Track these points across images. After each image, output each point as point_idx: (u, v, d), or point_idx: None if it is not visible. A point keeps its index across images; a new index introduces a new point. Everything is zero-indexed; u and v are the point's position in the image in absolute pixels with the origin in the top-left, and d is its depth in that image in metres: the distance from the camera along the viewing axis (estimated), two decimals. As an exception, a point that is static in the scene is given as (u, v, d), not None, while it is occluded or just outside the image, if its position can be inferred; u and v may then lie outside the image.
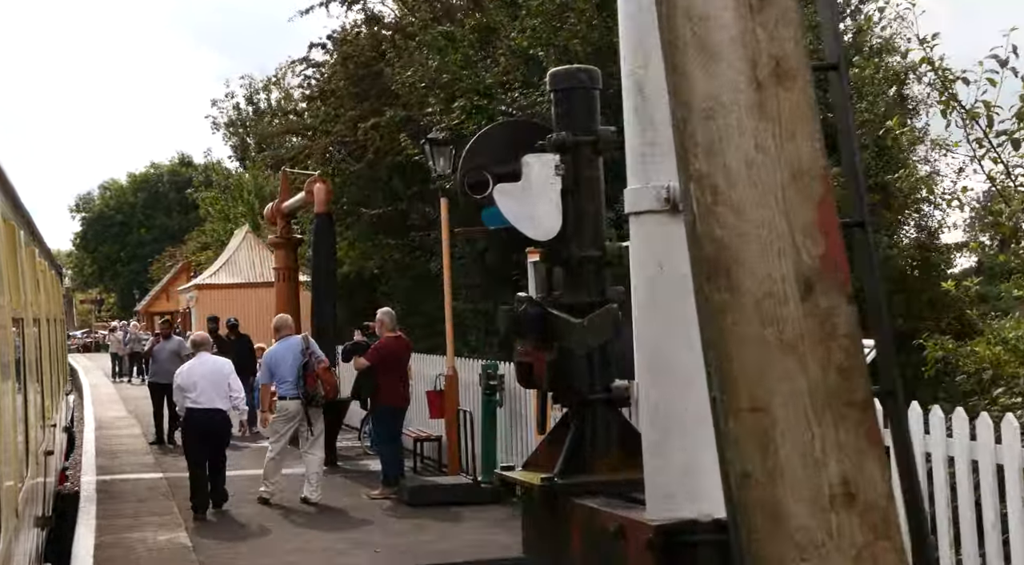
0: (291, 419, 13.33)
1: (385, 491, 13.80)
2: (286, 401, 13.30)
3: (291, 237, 20.75)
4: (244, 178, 52.68)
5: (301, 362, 13.17)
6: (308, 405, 13.23)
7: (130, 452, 19.43)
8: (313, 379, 13.14)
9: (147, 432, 21.80)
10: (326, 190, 17.39)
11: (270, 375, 13.46)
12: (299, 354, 13.21)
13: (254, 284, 31.49)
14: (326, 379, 13.36)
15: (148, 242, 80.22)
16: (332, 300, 17.07)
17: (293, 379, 13.17)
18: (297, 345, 13.37)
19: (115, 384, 39.26)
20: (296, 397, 13.24)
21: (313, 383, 13.14)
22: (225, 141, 59.46)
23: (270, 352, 13.70)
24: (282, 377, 13.27)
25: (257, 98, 57.17)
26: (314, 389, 13.13)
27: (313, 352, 13.35)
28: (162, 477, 16.20)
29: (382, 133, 17.53)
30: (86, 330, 79.70)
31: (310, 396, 13.17)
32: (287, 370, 13.21)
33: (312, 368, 13.17)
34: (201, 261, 54.44)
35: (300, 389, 13.13)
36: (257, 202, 46.56)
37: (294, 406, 13.29)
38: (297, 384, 13.14)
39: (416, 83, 15.60)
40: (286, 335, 13.67)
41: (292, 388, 13.20)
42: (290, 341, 13.52)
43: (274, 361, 13.41)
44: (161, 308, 61.94)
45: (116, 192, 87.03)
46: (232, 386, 12.90)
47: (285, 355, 13.33)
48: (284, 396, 13.30)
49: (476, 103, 13.62)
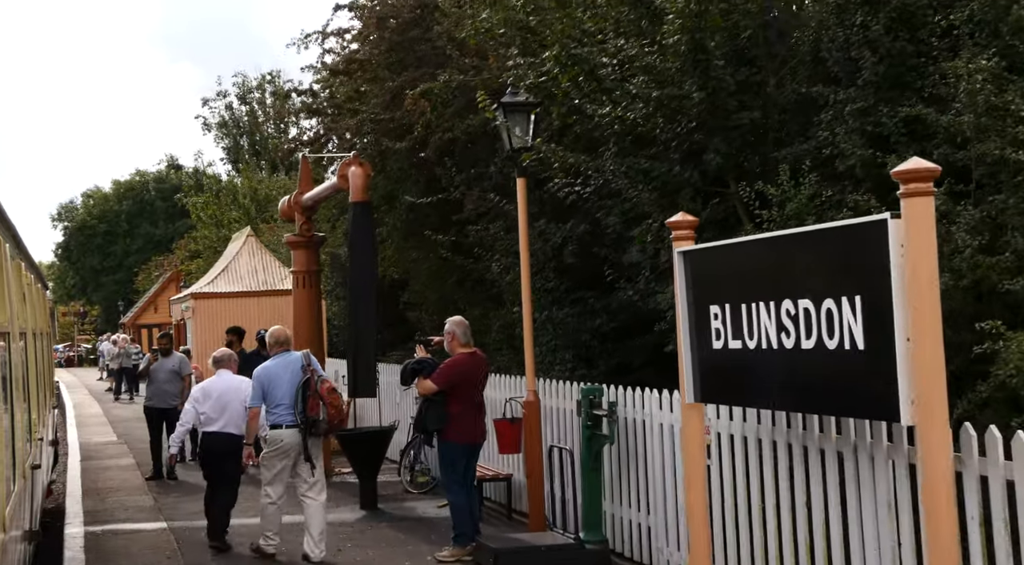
0: (288, 453, 10.90)
1: (457, 552, 10.75)
2: (281, 430, 10.79)
3: (312, 235, 17.68)
4: (236, 182, 49.64)
5: (301, 381, 10.74)
6: (308, 434, 10.76)
7: (123, 491, 16.31)
8: (315, 402, 10.69)
9: (141, 463, 18.76)
10: (364, 173, 14.33)
11: (262, 397, 10.90)
12: (298, 372, 10.79)
13: (257, 293, 28.32)
14: (331, 402, 10.77)
15: (133, 252, 77.98)
16: (374, 308, 13.99)
17: (290, 402, 10.74)
18: (296, 362, 10.89)
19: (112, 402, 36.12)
20: (294, 424, 10.72)
21: (315, 407, 10.69)
22: (217, 143, 56.47)
23: (263, 369, 11.03)
24: (277, 400, 10.82)
25: (251, 97, 54.08)
26: (315, 415, 10.70)
27: (315, 369, 10.89)
28: (165, 527, 13.11)
29: (434, 102, 14.51)
30: (68, 344, 77.24)
31: (311, 423, 10.70)
32: (284, 391, 10.78)
33: (314, 388, 10.72)
34: (192, 270, 51.42)
35: (299, 415, 10.69)
36: (253, 206, 43.52)
37: (291, 436, 10.77)
38: (295, 408, 10.70)
39: (494, 28, 12.59)
40: (283, 350, 11.15)
41: (289, 413, 10.75)
42: (288, 357, 11.01)
43: (268, 380, 10.87)
44: (149, 320, 58.95)
45: (100, 200, 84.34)
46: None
47: (281, 373, 10.85)
48: (279, 424, 10.80)
49: (572, 52, 10.64)
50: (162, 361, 17.44)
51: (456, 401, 10.75)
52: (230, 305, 28.66)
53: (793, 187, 9.21)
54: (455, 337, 11.07)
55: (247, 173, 46.51)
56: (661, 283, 11.48)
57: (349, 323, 14.02)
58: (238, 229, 39.77)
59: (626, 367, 13.12)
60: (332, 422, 10.81)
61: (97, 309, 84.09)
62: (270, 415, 10.88)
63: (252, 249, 30.07)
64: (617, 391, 10.47)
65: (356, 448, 14.02)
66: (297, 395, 10.67)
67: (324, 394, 10.70)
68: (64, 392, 40.17)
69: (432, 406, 10.78)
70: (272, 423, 10.84)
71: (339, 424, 11.06)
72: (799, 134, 10.11)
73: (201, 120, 56.56)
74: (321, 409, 10.68)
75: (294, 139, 20.58)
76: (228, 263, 29.68)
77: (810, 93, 9.79)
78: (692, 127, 10.66)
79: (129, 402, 35.84)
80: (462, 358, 10.95)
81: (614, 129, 10.86)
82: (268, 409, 10.90)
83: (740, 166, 10.53)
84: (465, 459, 10.95)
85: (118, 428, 26.88)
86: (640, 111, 10.65)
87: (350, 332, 14.05)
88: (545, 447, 11.83)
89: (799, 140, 9.94)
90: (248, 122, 55.60)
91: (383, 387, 16.85)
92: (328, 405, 10.70)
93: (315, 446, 10.92)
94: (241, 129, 55.85)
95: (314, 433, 10.76)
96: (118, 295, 76.74)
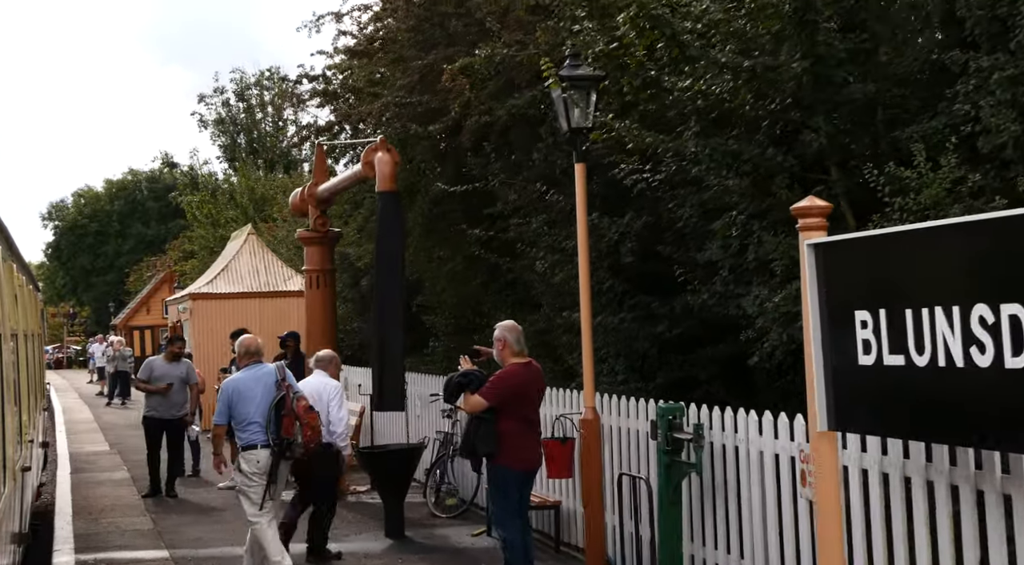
0: (265, 473, 9.78)
1: (510, 596, 9.23)
2: (257, 451, 9.68)
3: (327, 231, 16.16)
4: (233, 180, 48.11)
5: (275, 398, 9.67)
6: (281, 457, 9.71)
7: (118, 510, 14.75)
8: (290, 422, 9.68)
9: (137, 477, 17.23)
10: (392, 160, 12.84)
11: (228, 414, 9.82)
12: (271, 387, 9.74)
13: (258, 294, 26.81)
14: (307, 422, 9.76)
15: (125, 252, 76.37)
16: (402, 310, 12.48)
17: (263, 420, 9.66)
18: (269, 376, 9.84)
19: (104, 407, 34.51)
20: (267, 445, 9.66)
21: (289, 427, 9.67)
22: (213, 141, 54.88)
23: (232, 383, 9.97)
24: (247, 417, 9.72)
25: (248, 94, 52.54)
26: (290, 435, 9.68)
27: (291, 385, 9.85)
28: (167, 557, 11.57)
29: (473, 80, 12.95)
30: (57, 345, 75.76)
31: (285, 445, 9.64)
32: (255, 408, 9.70)
33: (289, 407, 9.68)
34: (186, 270, 49.89)
35: (271, 435, 9.65)
36: (251, 205, 41.98)
37: (267, 457, 9.68)
38: (267, 428, 9.65)
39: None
40: (254, 362, 10.05)
41: (262, 432, 9.70)
42: (260, 370, 9.93)
43: (237, 395, 9.77)
44: (141, 321, 57.32)
45: (91, 200, 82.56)
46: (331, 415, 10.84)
47: (252, 388, 9.76)
48: (253, 443, 9.69)
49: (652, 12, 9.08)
50: (168, 367, 15.80)
51: (508, 419, 9.24)
52: (230, 306, 27.11)
53: (929, 170, 7.70)
54: (507, 344, 9.55)
55: (244, 171, 44.91)
56: (741, 285, 9.94)
57: (375, 327, 12.49)
58: (235, 228, 38.27)
59: (689, 381, 11.60)
60: (308, 444, 9.78)
61: (87, 310, 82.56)
62: (240, 434, 9.77)
63: (253, 248, 28.54)
64: (700, 411, 8.96)
65: (382, 467, 12.51)
66: (270, 413, 9.61)
67: (300, 413, 9.69)
68: (53, 396, 38.55)
69: (482, 425, 9.25)
70: (245, 443, 9.72)
71: (315, 447, 9.99)
72: (924, 109, 8.61)
73: (197, 117, 55.05)
74: (296, 430, 9.67)
75: (307, 126, 18.88)
76: (228, 262, 28.16)
77: (941, 60, 8.27)
78: (788, 103, 9.14)
79: (121, 407, 34.29)
80: (515, 369, 9.44)
81: (696, 105, 9.34)
82: (237, 428, 9.81)
83: (846, 148, 9.01)
84: (519, 487, 9.43)
85: (110, 436, 25.33)
86: (727, 84, 9.14)
87: (375, 337, 12.53)
88: (608, 473, 10.32)
89: (925, 116, 8.43)
90: (245, 119, 54.01)
91: (421, 407, 15.30)
92: (304, 426, 9.68)
93: (282, 471, 9.87)
94: (238, 126, 54.24)
95: (287, 457, 9.72)
96: (109, 296, 74.77)
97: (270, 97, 53.06)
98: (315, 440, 9.88)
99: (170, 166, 56.39)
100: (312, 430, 9.77)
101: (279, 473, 9.72)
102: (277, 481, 9.70)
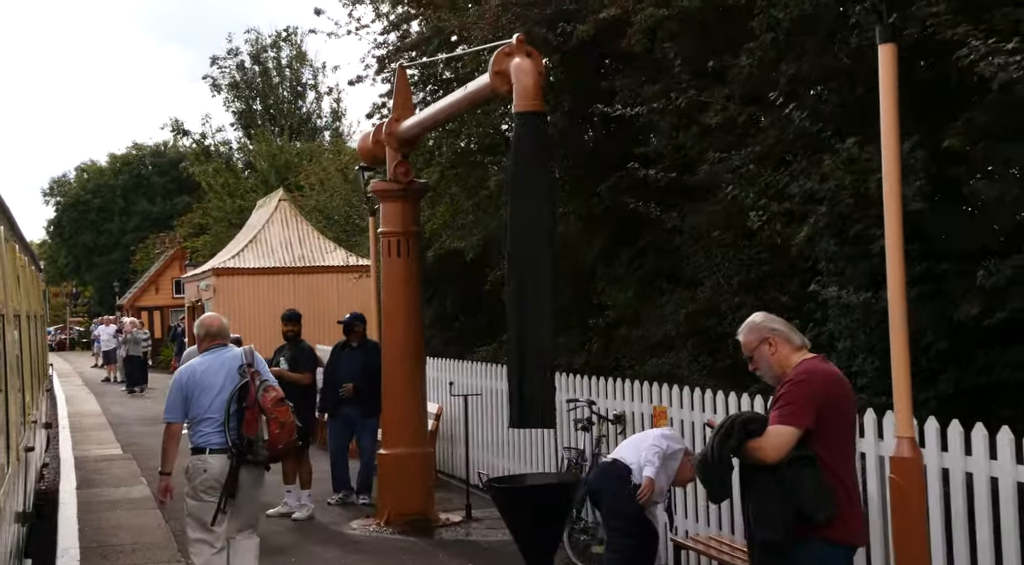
0: (215, 488, 7.85)
1: None
2: (204, 456, 7.84)
3: (411, 181, 12.35)
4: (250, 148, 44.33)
5: (236, 386, 7.82)
6: (239, 462, 7.76)
7: (141, 550, 11.05)
8: (253, 416, 7.75)
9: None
10: (535, 68, 9.01)
11: (183, 408, 7.98)
12: (235, 374, 7.90)
13: (292, 269, 23.16)
14: (275, 416, 7.76)
15: (130, 230, 73.31)
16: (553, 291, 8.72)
17: (218, 416, 7.82)
18: (234, 360, 7.99)
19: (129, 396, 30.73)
20: (222, 448, 7.80)
21: (252, 423, 7.75)
22: (227, 107, 50.92)
23: (187, 370, 8.14)
24: (203, 412, 7.88)
25: (265, 57, 48.69)
26: (251, 433, 7.75)
27: (259, 372, 7.94)
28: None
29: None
30: (60, 326, 73.02)
31: (245, 446, 7.74)
32: (213, 401, 7.87)
33: (253, 398, 7.78)
34: (197, 246, 46.22)
35: (229, 433, 7.78)
36: (272, 172, 38.15)
37: (218, 464, 7.80)
38: (224, 426, 7.80)
39: None
40: (218, 345, 8.18)
41: (217, 432, 7.85)
42: (223, 355, 8.09)
43: (194, 384, 7.97)
44: (149, 302, 53.71)
45: (94, 174, 78.98)
46: None
47: (213, 376, 7.95)
48: (202, 447, 7.88)
49: None
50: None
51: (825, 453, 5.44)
52: (259, 283, 23.31)
53: None
54: (779, 339, 5.69)
55: (263, 136, 41.04)
56: None
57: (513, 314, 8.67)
58: (255, 199, 34.46)
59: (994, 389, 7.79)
60: (275, 445, 7.77)
61: (90, 290, 79.30)
62: (193, 434, 7.93)
63: (286, 216, 24.66)
64: None
65: (525, 508, 8.71)
66: (228, 404, 7.76)
67: (267, 406, 7.76)
68: (56, 384, 34.81)
69: (804, 470, 5.39)
70: (194, 445, 7.89)
71: (285, 448, 7.90)
72: None
73: (209, 81, 51.02)
74: (261, 426, 7.74)
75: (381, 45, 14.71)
76: (256, 233, 24.35)
77: None
78: None
79: (137, 394, 30.54)
80: (819, 366, 5.61)
81: None
82: (191, 426, 7.97)
83: None
84: None
85: (121, 434, 21.59)
86: None
87: (514, 328, 8.69)
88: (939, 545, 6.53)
89: None
90: (261, 84, 50.09)
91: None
92: (271, 421, 7.73)
93: (251, 480, 7.91)
94: (254, 91, 50.30)
95: (249, 460, 7.78)
96: (113, 275, 71.96)
97: (287, 59, 49.27)
98: (285, 440, 7.80)
99: (181, 133, 52.53)
100: (282, 428, 7.75)
101: (240, 484, 7.73)
102: (236, 494, 7.73)
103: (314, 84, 50.71)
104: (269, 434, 7.78)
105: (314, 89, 50.72)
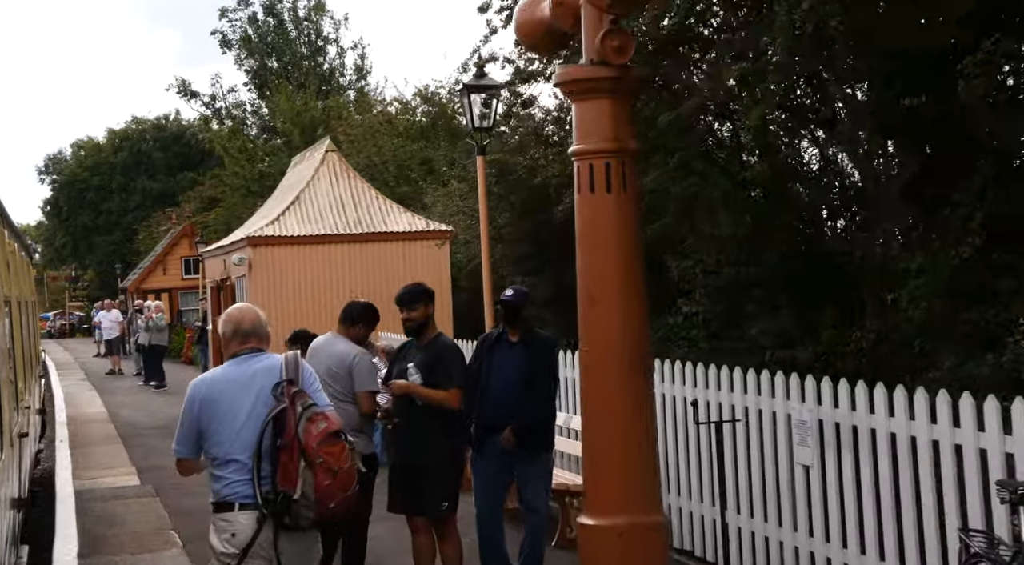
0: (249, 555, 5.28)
1: None
2: (234, 513, 5.26)
3: (626, 63, 7.23)
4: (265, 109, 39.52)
5: (269, 414, 5.19)
6: (280, 526, 5.18)
7: None
8: (290, 460, 5.14)
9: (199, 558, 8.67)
10: None
11: (196, 439, 5.46)
12: (268, 397, 5.27)
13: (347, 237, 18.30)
14: (326, 460, 5.15)
15: (131, 209, 69.61)
16: None
17: (248, 459, 5.22)
18: (270, 374, 5.35)
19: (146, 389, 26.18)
20: (252, 504, 5.20)
21: (290, 471, 5.15)
22: (238, 65, 46.04)
23: (203, 385, 5.51)
24: (224, 448, 5.32)
25: (280, 8, 43.90)
26: (289, 487, 5.16)
27: (302, 391, 5.29)
28: None
29: None
30: (59, 312, 69.46)
31: (282, 503, 5.14)
32: (239, 432, 5.29)
33: (292, 433, 5.16)
34: (209, 222, 41.49)
35: (258, 485, 5.21)
36: (296, 131, 33.26)
37: (248, 524, 5.19)
38: (254, 471, 5.20)
39: None
40: (251, 349, 5.52)
41: (245, 480, 5.22)
42: (253, 365, 5.44)
43: (210, 408, 5.39)
44: (156, 284, 49.10)
45: (92, 151, 74.86)
46: None
47: (236, 395, 5.33)
48: (229, 502, 5.28)
49: None
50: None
51: None
52: (306, 255, 18.41)
53: None
54: None
55: (285, 91, 36.20)
56: None
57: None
58: (277, 163, 29.56)
59: None
60: (326, 502, 5.18)
61: (91, 273, 75.41)
62: (215, 481, 5.38)
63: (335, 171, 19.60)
64: None
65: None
66: (259, 441, 5.20)
67: (310, 445, 5.14)
68: (53, 376, 30.05)
69: None
70: (219, 498, 5.37)
71: (341, 506, 5.23)
72: None
73: (219, 36, 46.13)
74: (302, 475, 5.12)
75: None
76: (299, 192, 19.44)
77: None
78: None
79: (155, 389, 25.85)
80: None
81: None
82: (212, 466, 5.41)
83: None
84: None
85: (136, 450, 16.92)
86: None
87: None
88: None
89: None
90: (277, 38, 45.25)
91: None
92: (318, 468, 5.13)
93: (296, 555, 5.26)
94: (268, 47, 45.43)
95: (288, 525, 5.19)
96: (115, 256, 68.05)
97: (305, 11, 44.51)
98: (338, 494, 5.17)
99: (189, 95, 47.60)
100: (333, 475, 5.13)
101: (282, 553, 5.21)
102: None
103: (336, 38, 45.99)
104: (316, 486, 5.19)
105: (336, 43, 46.05)
